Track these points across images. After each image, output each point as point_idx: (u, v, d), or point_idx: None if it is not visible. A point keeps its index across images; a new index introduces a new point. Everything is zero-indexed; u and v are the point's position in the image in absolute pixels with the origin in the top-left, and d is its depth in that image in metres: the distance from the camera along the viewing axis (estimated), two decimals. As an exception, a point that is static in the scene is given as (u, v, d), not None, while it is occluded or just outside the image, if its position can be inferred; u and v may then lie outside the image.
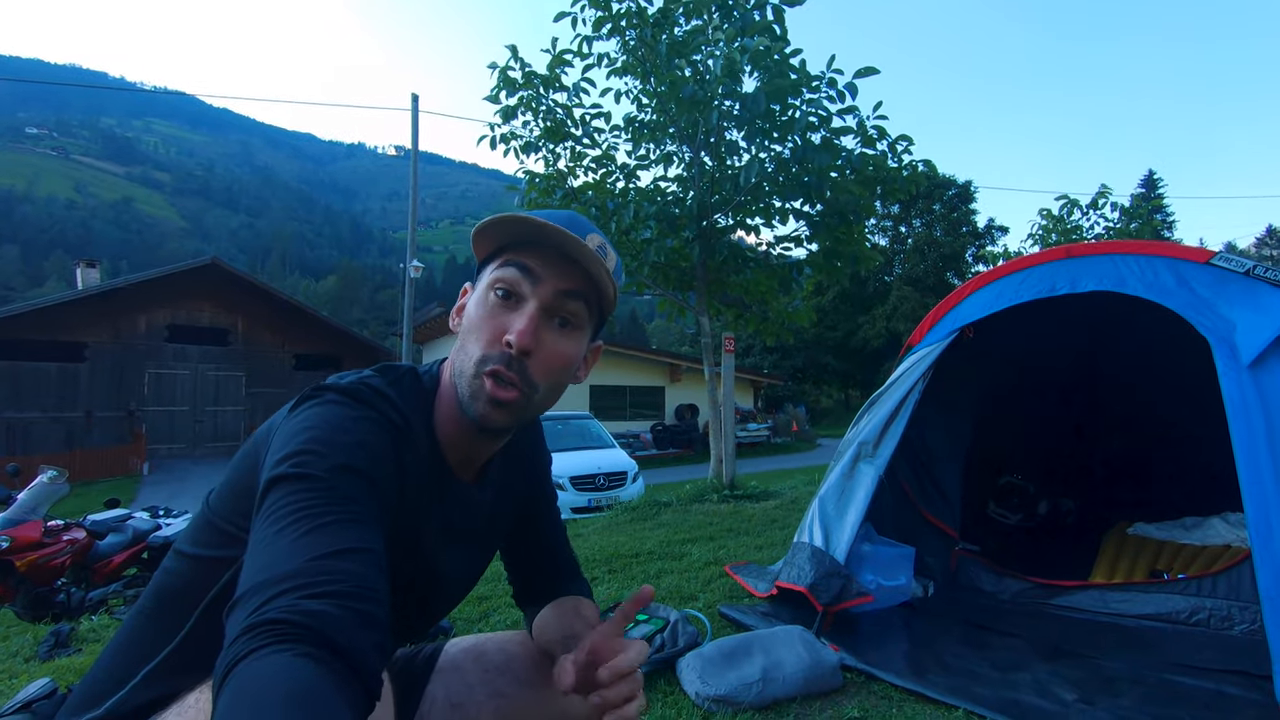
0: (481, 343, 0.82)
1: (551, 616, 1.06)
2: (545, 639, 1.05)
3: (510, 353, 0.80)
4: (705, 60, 5.95)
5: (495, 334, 0.81)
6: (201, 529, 0.84)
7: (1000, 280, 2.96)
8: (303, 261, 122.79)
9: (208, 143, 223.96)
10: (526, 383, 0.82)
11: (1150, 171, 42.37)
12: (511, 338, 0.80)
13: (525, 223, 0.81)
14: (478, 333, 0.82)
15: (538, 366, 0.82)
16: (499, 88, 6.31)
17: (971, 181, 38.93)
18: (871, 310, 37.44)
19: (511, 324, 0.81)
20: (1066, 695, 1.99)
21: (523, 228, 0.82)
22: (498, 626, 2.72)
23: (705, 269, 6.66)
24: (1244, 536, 3.13)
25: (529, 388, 0.82)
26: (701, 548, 3.99)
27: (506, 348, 0.80)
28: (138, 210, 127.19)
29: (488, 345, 0.81)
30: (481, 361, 0.81)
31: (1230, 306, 2.26)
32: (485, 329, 0.82)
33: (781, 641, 2.15)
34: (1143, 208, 12.53)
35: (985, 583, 3.05)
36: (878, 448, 2.78)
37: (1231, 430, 2.02)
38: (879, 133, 5.81)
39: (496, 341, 0.81)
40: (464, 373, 0.82)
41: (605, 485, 9.02)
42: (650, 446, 20.11)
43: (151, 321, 21.20)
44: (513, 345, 0.80)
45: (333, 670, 0.51)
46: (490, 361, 0.81)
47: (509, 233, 0.84)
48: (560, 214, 0.86)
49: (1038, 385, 4.26)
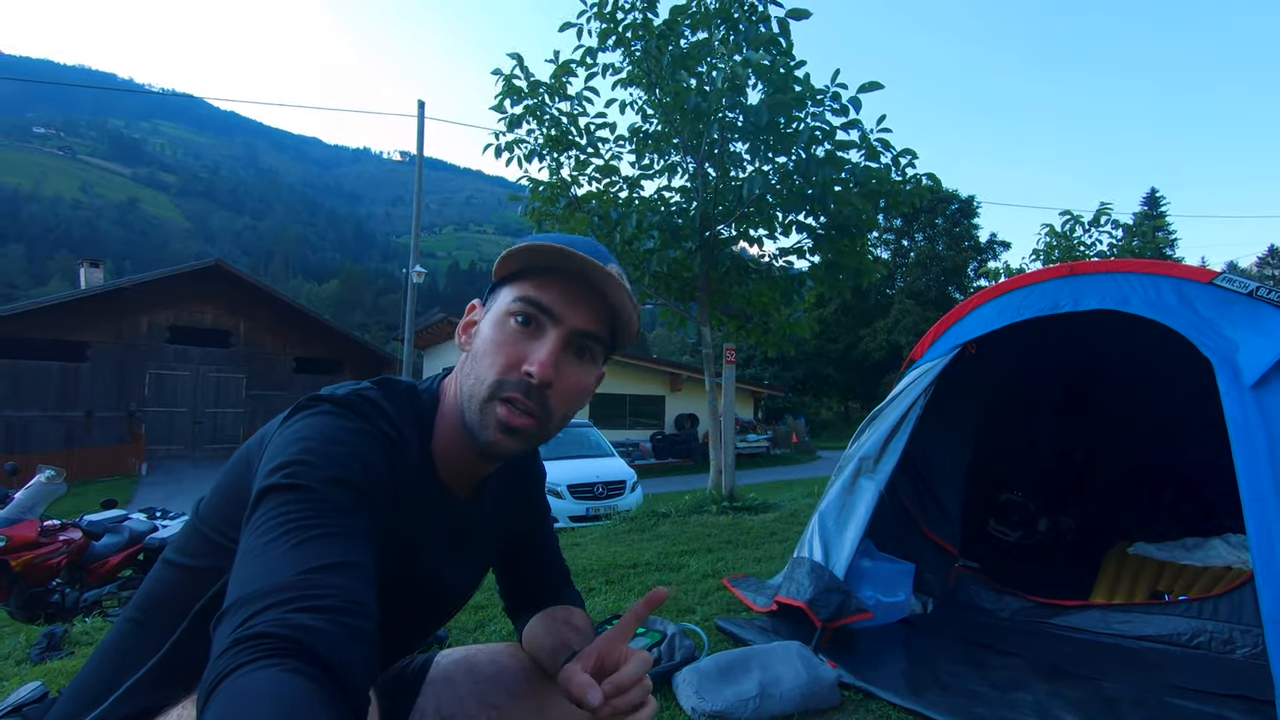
0: (498, 368, 0.81)
1: (541, 627, 1.05)
2: (536, 648, 1.04)
3: (531, 382, 0.80)
4: (709, 72, 5.98)
5: (513, 361, 0.81)
6: (190, 538, 0.83)
7: (1003, 297, 2.95)
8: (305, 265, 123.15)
9: (214, 145, 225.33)
10: (544, 411, 0.82)
11: (1153, 189, 42.52)
12: (533, 369, 0.79)
13: (552, 251, 0.80)
14: (494, 357, 0.82)
15: (556, 396, 0.82)
16: (504, 95, 6.34)
17: (974, 196, 39.14)
18: (873, 323, 37.47)
19: (531, 353, 0.81)
20: (1067, 717, 1.97)
21: (550, 255, 0.81)
22: (493, 636, 2.71)
23: (708, 280, 6.66)
24: (1245, 558, 3.11)
25: (545, 416, 0.82)
26: (700, 559, 3.97)
27: (526, 377, 0.80)
28: (143, 211, 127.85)
29: (504, 371, 0.81)
30: (497, 386, 0.81)
31: (1233, 327, 2.26)
32: (503, 355, 0.81)
33: (779, 657, 2.14)
34: (1145, 225, 12.56)
35: (985, 600, 3.03)
36: (879, 463, 2.77)
37: (1234, 451, 2.01)
38: (883, 145, 5.83)
39: (514, 369, 0.81)
40: (475, 396, 0.82)
41: (604, 494, 9.00)
42: (650, 456, 20.07)
43: (154, 322, 21.24)
44: (534, 376, 0.79)
45: (320, 686, 0.50)
46: (507, 388, 0.80)
47: (534, 257, 0.83)
48: (580, 239, 0.86)
49: (1039, 402, 4.25)
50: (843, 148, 5.72)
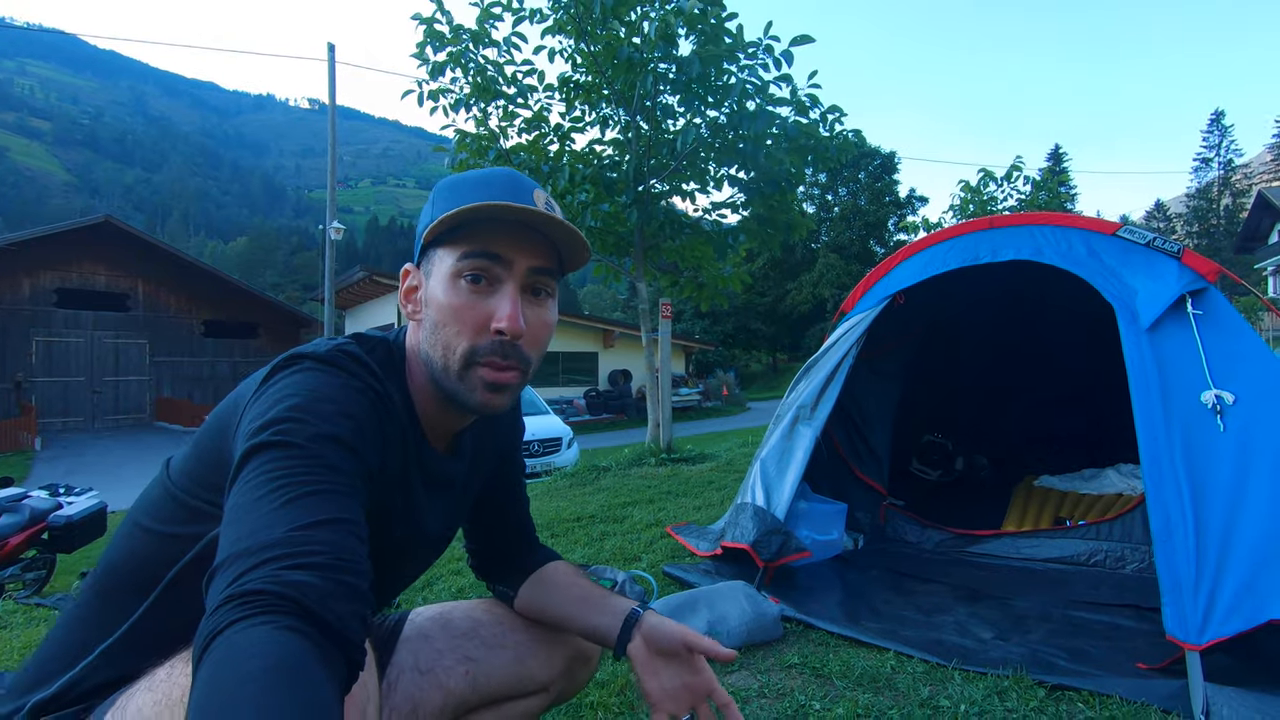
0: (467, 334, 0.80)
1: (558, 595, 1.09)
2: (551, 613, 1.08)
3: (504, 339, 0.80)
4: (640, 22, 5.84)
5: (480, 323, 0.80)
6: (164, 503, 0.80)
7: (929, 249, 3.08)
8: (209, 221, 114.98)
9: (94, 88, 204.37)
10: (523, 361, 0.83)
11: (1056, 146, 44.88)
12: (503, 325, 0.79)
13: (480, 209, 0.78)
14: (457, 323, 0.80)
15: (529, 343, 0.83)
16: (425, 42, 6.01)
17: (895, 153, 40.18)
18: (799, 277, 38.41)
19: (495, 309, 0.80)
20: (984, 634, 2.16)
21: (484, 210, 0.79)
22: (442, 594, 2.71)
23: (642, 234, 6.64)
24: (1134, 485, 3.45)
25: (525, 365, 0.83)
26: (642, 510, 4.07)
27: (497, 335, 0.80)
28: (13, 161, 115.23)
29: (474, 335, 0.80)
30: (471, 353, 0.80)
31: (1133, 275, 2.44)
32: (466, 318, 0.80)
33: (725, 596, 2.24)
34: (1051, 181, 13.29)
35: (910, 534, 3.25)
36: (815, 410, 2.89)
37: (1131, 388, 2.20)
38: (812, 101, 5.89)
39: (483, 330, 0.80)
40: (450, 366, 0.81)
41: (540, 451, 9.02)
42: (584, 412, 20.16)
43: (37, 284, 19.41)
44: (505, 333, 0.79)
45: (316, 642, 0.50)
46: (482, 353, 0.80)
47: (468, 215, 0.80)
48: (497, 174, 0.84)
49: (960, 349, 4.50)
50: (774, 102, 5.75)
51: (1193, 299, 2.24)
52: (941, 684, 1.81)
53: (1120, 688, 1.71)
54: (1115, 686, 1.72)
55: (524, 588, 1.11)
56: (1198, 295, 2.25)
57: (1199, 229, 47.86)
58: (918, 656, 1.98)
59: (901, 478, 4.06)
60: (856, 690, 1.80)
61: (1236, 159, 48.94)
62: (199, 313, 22.63)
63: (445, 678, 1.02)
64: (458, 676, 1.02)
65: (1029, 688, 1.76)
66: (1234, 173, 48.34)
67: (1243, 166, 49.81)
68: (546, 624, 1.10)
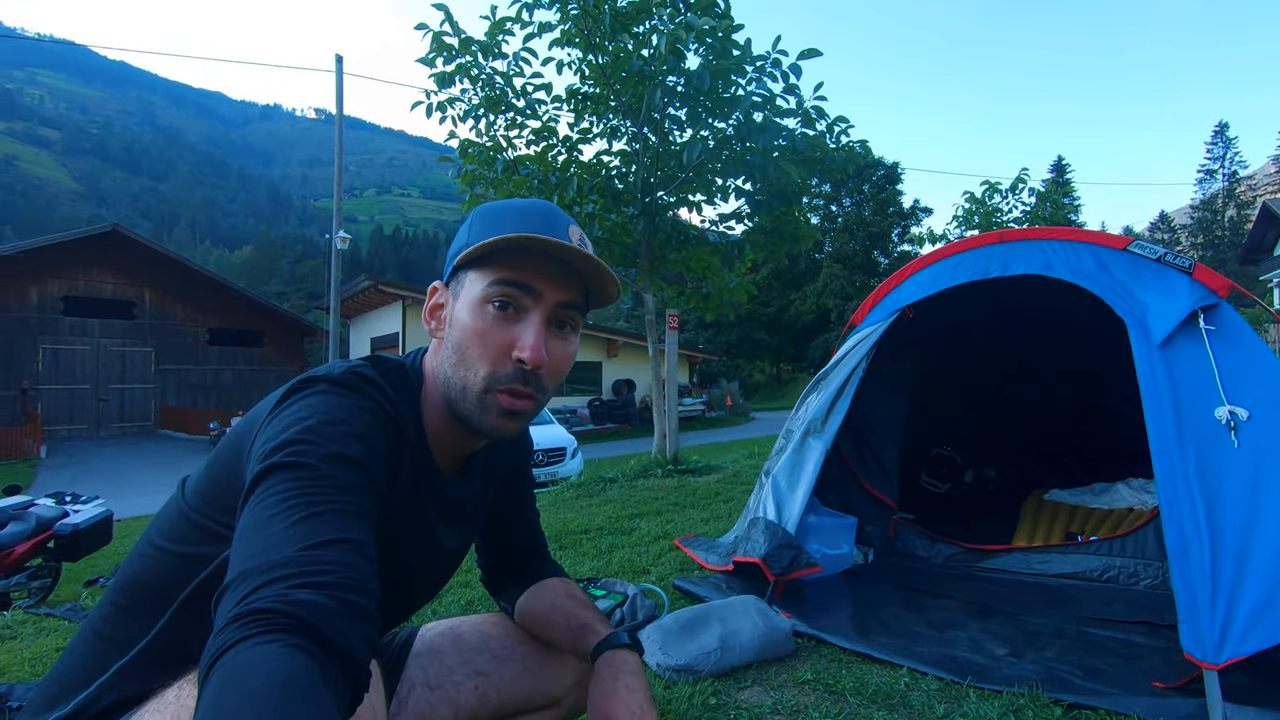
0: (488, 359, 0.81)
1: (544, 604, 1.08)
2: (539, 622, 1.08)
3: (525, 369, 0.81)
4: (649, 35, 5.88)
5: (502, 350, 0.81)
6: (177, 523, 0.81)
7: (938, 263, 3.09)
8: (215, 230, 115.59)
9: (103, 98, 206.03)
10: (540, 390, 0.84)
11: (1059, 157, 44.97)
12: (525, 355, 0.80)
13: (516, 239, 0.79)
14: (479, 348, 0.81)
15: (548, 374, 0.84)
16: (434, 53, 6.06)
17: (899, 163, 40.24)
18: (803, 287, 38.45)
19: (518, 338, 0.81)
20: (998, 650, 2.15)
21: (515, 242, 0.80)
22: (451, 607, 2.70)
23: (649, 245, 6.66)
24: (1145, 500, 3.44)
25: (542, 393, 0.84)
26: (650, 522, 4.06)
27: (519, 364, 0.81)
28: (22, 170, 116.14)
29: (495, 362, 0.81)
30: (491, 378, 0.81)
31: (1144, 290, 2.44)
32: (489, 344, 0.81)
33: (737, 611, 2.23)
34: (1055, 193, 13.30)
35: (920, 549, 3.23)
36: (825, 424, 2.89)
37: (1144, 404, 2.20)
38: (818, 113, 5.92)
39: (505, 358, 0.81)
40: (469, 389, 0.82)
41: (544, 461, 9.01)
42: (588, 422, 20.14)
43: (44, 292, 19.56)
44: (527, 363, 0.80)
45: (321, 662, 0.51)
46: (502, 380, 0.81)
47: (503, 244, 0.81)
48: (536, 206, 0.85)
49: (968, 362, 4.49)
50: (781, 114, 5.78)
51: (1205, 314, 2.24)
52: (956, 701, 1.80)
53: (1138, 706, 1.70)
54: (1133, 705, 1.71)
55: (519, 602, 1.12)
56: (1210, 310, 2.25)
57: (1204, 240, 47.83)
58: (931, 673, 1.96)
59: (910, 491, 4.05)
60: (871, 707, 1.79)
61: (1241, 171, 48.92)
62: (204, 321, 22.73)
63: (455, 693, 1.02)
64: (467, 692, 1.03)
65: (1045, 706, 1.74)
66: (1238, 184, 48.28)
67: (1247, 178, 49.78)
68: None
